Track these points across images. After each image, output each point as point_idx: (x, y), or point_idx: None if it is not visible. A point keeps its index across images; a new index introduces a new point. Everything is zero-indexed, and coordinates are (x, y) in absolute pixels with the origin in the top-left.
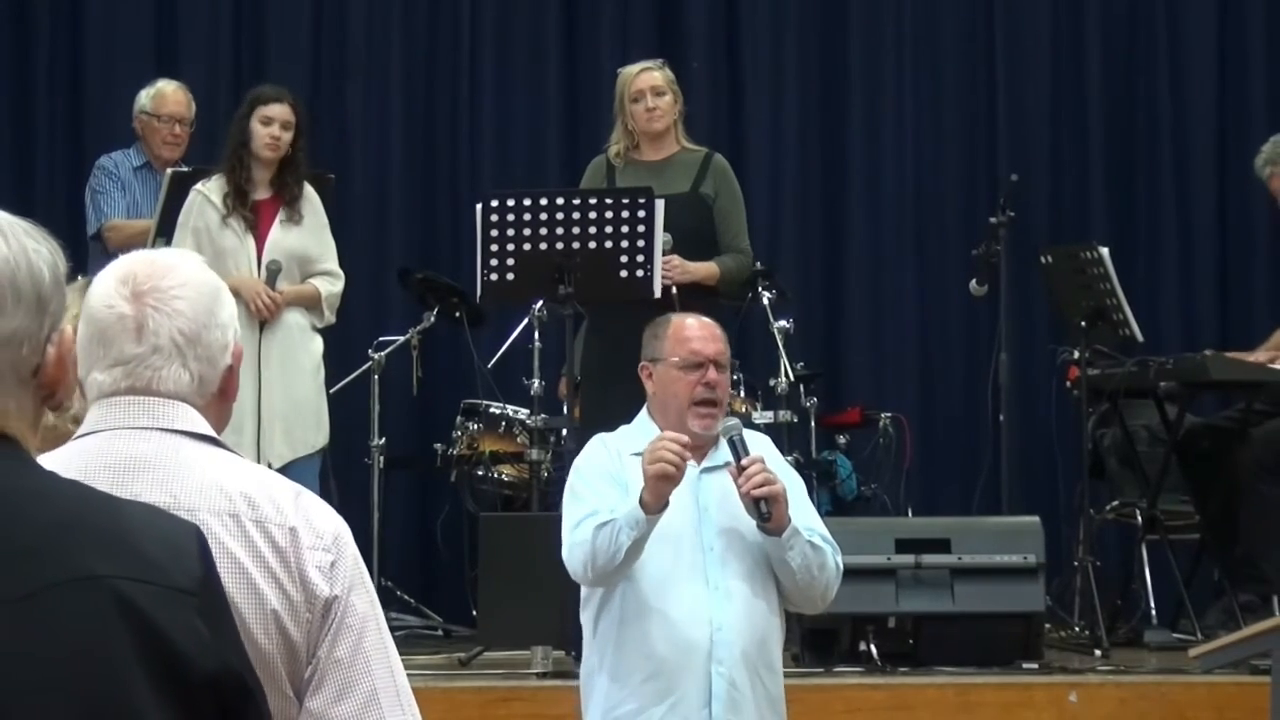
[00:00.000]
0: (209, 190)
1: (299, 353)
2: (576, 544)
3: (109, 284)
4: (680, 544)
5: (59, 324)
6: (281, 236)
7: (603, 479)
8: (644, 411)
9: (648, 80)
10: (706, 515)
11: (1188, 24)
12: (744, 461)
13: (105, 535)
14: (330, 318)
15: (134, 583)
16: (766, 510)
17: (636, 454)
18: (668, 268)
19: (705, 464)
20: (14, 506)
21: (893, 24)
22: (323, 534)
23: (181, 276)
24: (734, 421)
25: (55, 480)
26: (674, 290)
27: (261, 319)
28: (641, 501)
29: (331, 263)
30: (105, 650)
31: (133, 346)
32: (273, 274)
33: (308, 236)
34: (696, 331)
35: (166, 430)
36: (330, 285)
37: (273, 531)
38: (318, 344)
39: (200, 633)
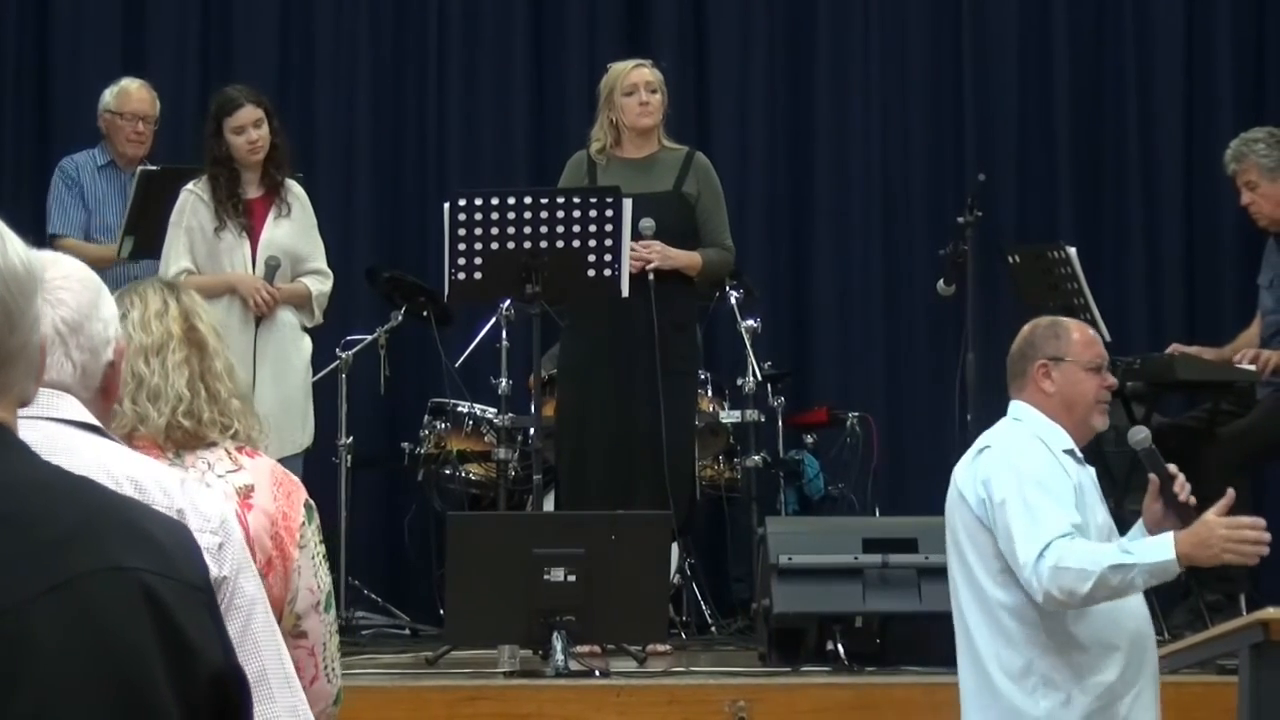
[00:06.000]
0: (201, 189)
1: (290, 352)
2: (1066, 570)
3: None
4: (1113, 539)
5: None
6: (275, 233)
7: (1068, 493)
8: (1028, 407)
9: (642, 75)
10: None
11: (1154, 23)
12: (1172, 471)
13: (126, 529)
14: (319, 317)
15: (156, 576)
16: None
17: (1066, 450)
18: (649, 253)
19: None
20: (39, 498)
21: (860, 25)
22: (210, 517)
23: (65, 270)
24: (1145, 433)
25: (65, 473)
26: (650, 278)
27: (259, 314)
28: (1179, 555)
29: (321, 261)
30: (134, 640)
31: None
32: (271, 269)
33: (298, 234)
34: (1095, 335)
35: (52, 419)
36: (320, 284)
37: None
38: (308, 344)
39: (210, 629)
